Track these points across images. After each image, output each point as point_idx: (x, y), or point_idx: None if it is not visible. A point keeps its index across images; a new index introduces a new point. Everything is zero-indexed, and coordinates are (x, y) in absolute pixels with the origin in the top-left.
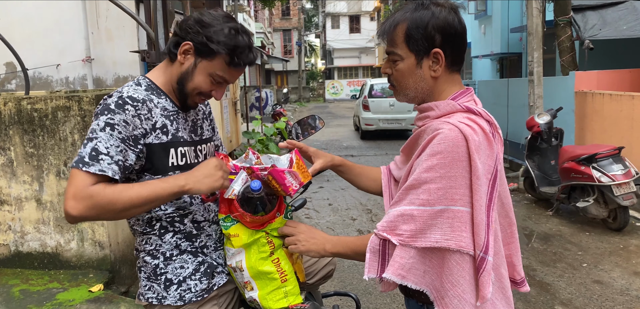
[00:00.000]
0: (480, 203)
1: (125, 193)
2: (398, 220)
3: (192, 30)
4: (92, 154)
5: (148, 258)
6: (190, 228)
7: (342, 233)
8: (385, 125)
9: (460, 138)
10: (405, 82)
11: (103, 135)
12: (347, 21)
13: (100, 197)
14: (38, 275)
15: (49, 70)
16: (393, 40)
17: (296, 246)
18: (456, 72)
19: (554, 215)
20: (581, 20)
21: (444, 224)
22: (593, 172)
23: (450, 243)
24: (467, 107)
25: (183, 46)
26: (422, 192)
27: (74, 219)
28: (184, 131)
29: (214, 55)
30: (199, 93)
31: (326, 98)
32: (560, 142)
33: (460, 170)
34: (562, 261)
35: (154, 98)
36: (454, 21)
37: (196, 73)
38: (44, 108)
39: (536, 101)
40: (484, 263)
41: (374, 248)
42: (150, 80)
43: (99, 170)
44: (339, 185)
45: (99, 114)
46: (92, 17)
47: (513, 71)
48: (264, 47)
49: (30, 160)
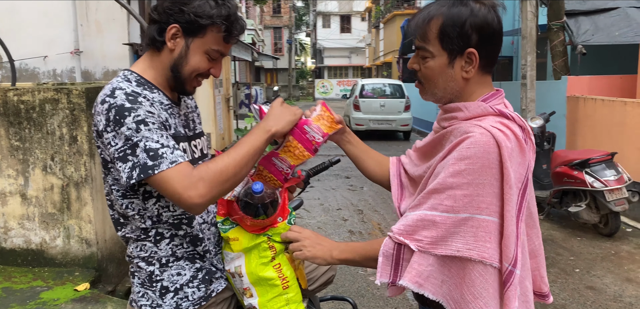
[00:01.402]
0: (512, 214)
1: (229, 157)
2: (418, 225)
3: (174, 11)
4: (150, 155)
5: (142, 264)
6: (197, 230)
7: (333, 233)
8: (375, 125)
9: (492, 143)
10: (434, 81)
11: (143, 134)
12: (338, 21)
13: (211, 172)
14: (21, 273)
15: (36, 62)
16: (425, 35)
17: (301, 252)
18: (488, 73)
19: (545, 220)
20: (574, 25)
21: (468, 233)
22: (586, 177)
23: (472, 253)
24: (499, 110)
25: (169, 31)
26: (446, 198)
27: (202, 205)
28: (180, 126)
29: (206, 30)
30: (198, 75)
31: (316, 97)
32: (553, 147)
33: (489, 177)
34: (554, 266)
35: (148, 94)
36: (493, 20)
37: (190, 54)
38: (31, 100)
39: (528, 105)
40: (511, 277)
41: (388, 252)
42: (138, 74)
43: (170, 163)
44: (330, 184)
45: (119, 119)
46: (82, 9)
47: (504, 74)
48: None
49: (15, 153)
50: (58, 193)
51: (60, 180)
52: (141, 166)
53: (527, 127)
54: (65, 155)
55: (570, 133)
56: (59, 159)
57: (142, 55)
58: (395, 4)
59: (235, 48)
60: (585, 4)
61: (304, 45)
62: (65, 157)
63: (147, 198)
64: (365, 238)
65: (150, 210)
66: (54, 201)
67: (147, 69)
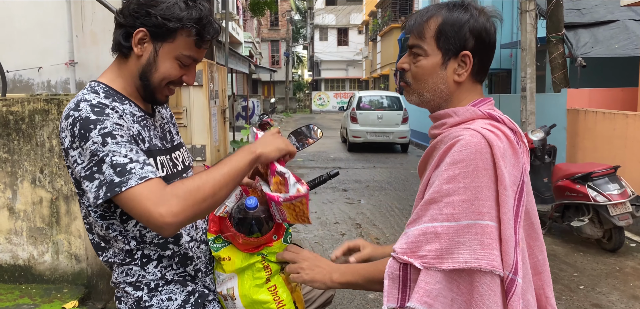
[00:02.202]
0: (508, 217)
1: (209, 175)
2: (420, 240)
3: (140, 14)
4: (118, 171)
5: (129, 289)
6: (186, 249)
7: (331, 248)
8: (373, 137)
9: (483, 144)
10: (424, 80)
11: (110, 148)
12: (335, 33)
13: (184, 188)
14: (8, 290)
15: (30, 72)
16: (421, 32)
17: (299, 275)
18: (479, 82)
19: (546, 234)
20: (573, 38)
21: (473, 241)
22: (589, 191)
23: (481, 262)
24: (488, 113)
25: (136, 35)
26: (445, 206)
27: (174, 225)
28: (156, 138)
29: (175, 34)
30: (168, 83)
31: (313, 109)
32: (553, 160)
33: (486, 179)
34: (558, 282)
35: (117, 106)
36: (490, 29)
37: (160, 61)
38: (21, 111)
39: (528, 117)
40: (513, 285)
41: (393, 274)
42: (105, 84)
43: (139, 178)
44: (327, 197)
45: (84, 132)
46: (77, 20)
47: (502, 87)
48: (252, 56)
49: (3, 165)
50: (47, 206)
51: (49, 193)
52: (108, 184)
53: (518, 129)
54: (55, 168)
55: (571, 146)
56: (49, 172)
57: (110, 65)
58: (392, 17)
59: (232, 60)
60: (585, 17)
61: (301, 58)
62: (54, 170)
63: (125, 220)
64: None
65: (132, 232)
66: (42, 215)
67: (115, 79)
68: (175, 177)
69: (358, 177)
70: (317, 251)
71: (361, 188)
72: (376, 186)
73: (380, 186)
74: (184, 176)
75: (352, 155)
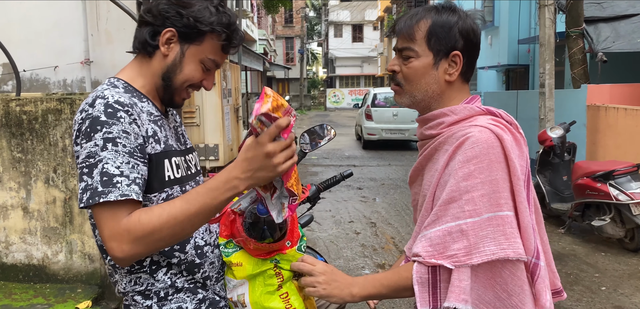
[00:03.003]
0: (525, 205)
1: (168, 214)
2: (446, 240)
3: (171, 14)
4: (103, 181)
5: (139, 298)
6: (193, 255)
7: (345, 247)
8: (388, 135)
9: (493, 138)
10: (416, 81)
11: (107, 154)
12: (350, 30)
13: (140, 229)
14: (22, 289)
15: (47, 72)
16: (412, 34)
17: (315, 289)
18: (466, 82)
19: (566, 233)
20: (594, 32)
21: (497, 232)
22: (610, 190)
23: (508, 252)
24: (487, 109)
25: (164, 34)
26: (466, 203)
27: (124, 261)
28: (172, 139)
29: (203, 38)
30: (189, 86)
31: (327, 106)
32: (573, 157)
33: (500, 172)
34: (578, 283)
35: (137, 103)
36: (477, 30)
37: (185, 62)
38: (34, 110)
39: (547, 114)
40: (537, 269)
41: (422, 279)
42: (125, 82)
43: (120, 195)
44: (341, 196)
45: (90, 132)
46: (92, 19)
47: (520, 83)
48: (267, 54)
49: (17, 165)
50: (60, 206)
51: (62, 193)
52: (92, 191)
53: (514, 121)
54: (68, 167)
55: (591, 143)
56: (62, 171)
57: (130, 62)
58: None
59: (247, 58)
60: (605, 11)
61: (315, 55)
62: (68, 169)
63: None
64: (378, 253)
65: None
66: (56, 215)
67: (136, 77)
68: (190, 179)
69: (373, 175)
70: (331, 250)
71: (376, 186)
72: (391, 185)
73: (396, 185)
74: (197, 180)
75: (366, 152)
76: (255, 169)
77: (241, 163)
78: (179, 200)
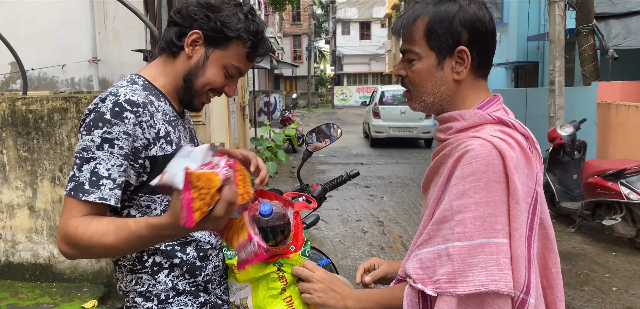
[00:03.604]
0: (520, 233)
1: (98, 240)
2: (435, 264)
3: (199, 17)
4: (92, 180)
5: (139, 300)
6: (194, 258)
7: (353, 246)
8: (395, 133)
9: (494, 154)
10: (422, 85)
11: (102, 155)
12: (358, 27)
13: (73, 237)
14: (28, 288)
15: (55, 70)
16: (410, 35)
17: (311, 296)
18: (483, 77)
19: (575, 232)
20: (604, 29)
21: (489, 261)
22: (621, 189)
23: (499, 284)
24: (498, 117)
25: (190, 36)
26: (456, 224)
27: (67, 257)
28: (186, 140)
29: (229, 43)
30: (210, 90)
31: (335, 104)
32: (583, 156)
33: (499, 193)
34: (589, 283)
35: (154, 101)
36: (484, 17)
37: (208, 66)
38: (40, 109)
39: (557, 112)
40: (524, 306)
41: (412, 302)
42: (146, 79)
43: (99, 198)
44: (349, 194)
45: (92, 126)
46: (100, 17)
47: (529, 81)
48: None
49: (23, 164)
50: None
51: None
52: (77, 184)
53: (530, 135)
54: None
55: (602, 141)
56: (68, 170)
57: (154, 60)
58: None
59: None
60: (616, 7)
61: (323, 53)
62: None
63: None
64: (386, 252)
65: None
66: None
67: (158, 76)
68: None
69: (380, 173)
70: (338, 249)
71: (384, 184)
72: (399, 183)
73: (403, 183)
74: None
75: (374, 150)
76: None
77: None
78: (113, 231)
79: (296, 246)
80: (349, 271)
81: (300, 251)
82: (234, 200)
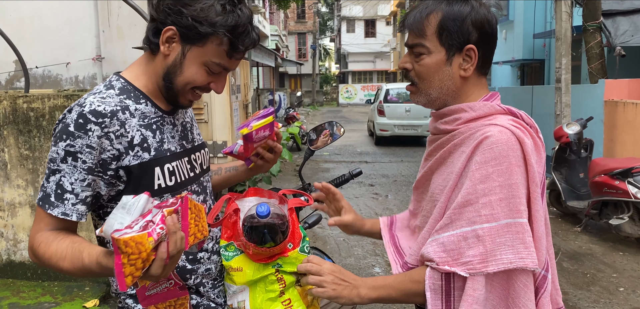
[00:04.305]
0: (541, 214)
1: (56, 261)
2: (461, 246)
3: (172, 11)
4: (57, 193)
5: (130, 301)
6: (183, 261)
7: (356, 246)
8: (400, 131)
9: (513, 140)
10: (430, 79)
11: (65, 168)
12: (363, 25)
13: (36, 251)
14: (30, 287)
15: (59, 68)
16: (422, 30)
17: (324, 289)
18: (484, 75)
19: (582, 232)
20: (611, 26)
21: (516, 240)
22: (629, 188)
23: (526, 261)
24: (508, 108)
25: (164, 33)
26: (483, 207)
27: (32, 260)
28: (172, 141)
29: (206, 39)
30: (194, 88)
31: (340, 102)
32: (590, 154)
33: (519, 177)
34: (595, 284)
35: (129, 105)
36: (492, 20)
37: (186, 64)
38: (41, 107)
39: (563, 110)
40: (545, 283)
41: (435, 285)
42: (126, 80)
43: (61, 213)
44: (353, 192)
45: (58, 138)
46: (104, 15)
47: (535, 79)
48: (279, 49)
49: (25, 162)
50: None
51: None
52: (44, 195)
53: (534, 124)
54: None
55: (609, 140)
56: None
57: (139, 58)
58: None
59: (258, 53)
60: (624, 4)
61: (328, 51)
62: None
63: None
64: None
65: None
66: None
67: (140, 75)
68: (192, 181)
69: (385, 172)
70: (342, 248)
71: (388, 183)
72: (404, 181)
73: (408, 181)
74: (201, 180)
75: (379, 148)
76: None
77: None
78: (69, 259)
79: (294, 244)
80: (353, 270)
81: (299, 248)
82: (174, 252)
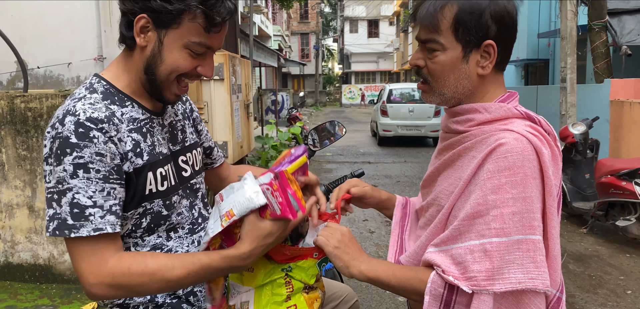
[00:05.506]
0: (557, 230)
1: (162, 277)
2: (468, 260)
3: None
4: (74, 213)
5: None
6: None
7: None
8: (403, 131)
9: (530, 150)
10: (444, 77)
11: (77, 183)
12: (366, 25)
13: (126, 279)
14: (28, 289)
15: (60, 68)
16: (436, 24)
17: (327, 242)
18: (501, 72)
19: (588, 233)
20: (617, 25)
21: (526, 259)
22: (636, 188)
23: (536, 282)
24: (526, 112)
25: (137, 23)
26: (493, 219)
27: (97, 299)
28: (162, 143)
29: (180, 19)
30: (180, 76)
31: (343, 102)
32: (596, 154)
33: (534, 190)
34: (602, 286)
35: (115, 111)
36: (513, 11)
37: (165, 51)
38: (39, 107)
39: (569, 110)
40: (559, 305)
41: (436, 291)
42: (107, 81)
43: (93, 230)
44: None
45: (59, 155)
46: (105, 15)
47: (540, 78)
48: (282, 50)
49: (22, 163)
50: None
51: None
52: (60, 222)
53: (553, 131)
54: None
55: (615, 140)
56: None
57: (116, 57)
58: None
59: (261, 54)
60: (630, 3)
61: (331, 51)
62: None
63: None
64: None
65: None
66: None
67: (120, 74)
68: (181, 185)
69: (388, 172)
70: None
71: (391, 183)
72: (407, 182)
73: (412, 182)
74: (192, 183)
75: (382, 149)
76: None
77: (248, 239)
78: (178, 265)
79: (319, 253)
80: None
81: (318, 261)
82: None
